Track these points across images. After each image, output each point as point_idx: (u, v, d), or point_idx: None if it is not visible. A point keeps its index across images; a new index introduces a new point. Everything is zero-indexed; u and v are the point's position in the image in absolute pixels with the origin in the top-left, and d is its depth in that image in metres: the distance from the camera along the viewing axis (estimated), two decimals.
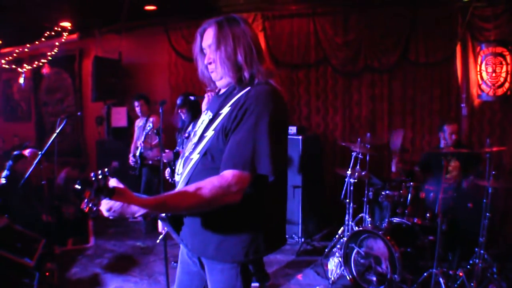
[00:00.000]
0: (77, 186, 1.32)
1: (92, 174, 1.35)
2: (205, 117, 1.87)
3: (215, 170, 1.65)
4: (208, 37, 1.80)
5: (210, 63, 1.81)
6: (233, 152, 1.60)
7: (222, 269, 1.75)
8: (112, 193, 1.39)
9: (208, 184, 1.55)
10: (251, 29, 1.81)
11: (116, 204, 1.40)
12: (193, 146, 1.81)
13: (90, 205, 1.34)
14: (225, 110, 1.71)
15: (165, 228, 2.04)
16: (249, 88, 1.71)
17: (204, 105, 3.11)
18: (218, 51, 1.75)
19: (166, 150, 4.34)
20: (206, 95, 2.95)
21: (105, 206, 1.40)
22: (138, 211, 1.45)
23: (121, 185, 1.44)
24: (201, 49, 1.86)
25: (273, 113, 1.63)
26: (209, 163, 1.71)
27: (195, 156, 1.75)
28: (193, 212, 1.71)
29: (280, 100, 1.71)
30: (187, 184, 1.75)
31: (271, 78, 1.76)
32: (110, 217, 1.45)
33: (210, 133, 1.72)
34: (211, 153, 1.70)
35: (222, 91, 1.87)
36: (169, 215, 1.79)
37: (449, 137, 4.30)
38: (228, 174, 1.57)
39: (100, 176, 1.35)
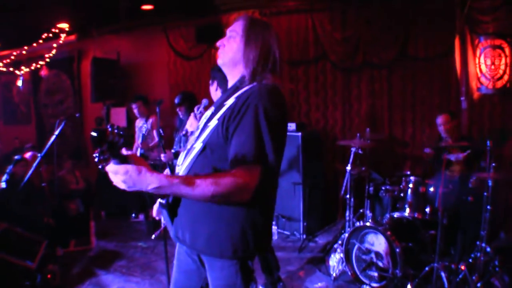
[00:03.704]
0: (93, 134, 1.33)
1: (108, 126, 1.36)
2: (209, 112, 1.90)
3: (215, 162, 1.70)
4: (236, 26, 1.85)
5: (221, 46, 1.87)
6: (240, 149, 1.60)
7: (222, 266, 1.76)
8: (123, 158, 1.40)
9: (225, 177, 1.55)
10: (277, 41, 1.84)
11: (132, 169, 1.41)
12: (196, 137, 1.83)
13: (101, 158, 1.36)
14: (230, 101, 1.73)
15: (162, 219, 2.04)
16: (254, 84, 1.74)
17: (188, 125, 3.12)
18: (242, 43, 1.80)
19: (167, 151, 4.34)
20: (192, 114, 2.95)
21: (122, 169, 1.40)
22: (152, 182, 1.45)
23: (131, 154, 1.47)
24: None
25: (273, 110, 1.65)
26: (208, 155, 1.73)
27: (198, 145, 1.76)
28: (198, 201, 1.67)
29: (281, 99, 1.74)
30: (189, 172, 1.77)
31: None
32: (127, 187, 1.44)
33: (213, 122, 1.73)
34: (211, 146, 1.71)
35: (229, 86, 1.90)
36: (169, 202, 1.81)
37: (441, 128, 4.31)
38: (241, 171, 1.56)
39: (116, 131, 1.36)
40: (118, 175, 1.42)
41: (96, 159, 1.36)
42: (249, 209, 1.71)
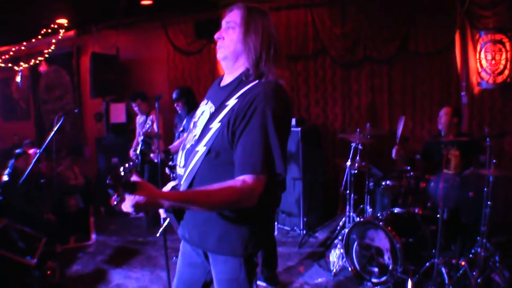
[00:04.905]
0: (109, 182, 1.35)
1: (121, 170, 1.37)
2: (206, 107, 1.82)
3: (221, 165, 1.67)
4: (233, 16, 1.78)
5: (219, 38, 1.79)
6: (248, 155, 1.58)
7: (226, 260, 1.77)
8: (134, 188, 1.40)
9: (232, 188, 1.56)
10: (276, 28, 1.78)
11: (141, 199, 1.40)
12: (197, 138, 1.77)
13: (118, 200, 1.39)
14: (232, 102, 1.67)
15: (166, 219, 2.03)
16: (257, 82, 1.68)
17: None
18: (242, 33, 1.73)
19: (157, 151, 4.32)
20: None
21: (130, 202, 1.40)
22: (163, 203, 1.46)
23: (140, 180, 1.45)
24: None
25: (281, 113, 1.61)
26: (214, 158, 1.69)
27: (201, 149, 1.71)
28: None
29: (287, 100, 1.70)
30: (194, 178, 1.73)
31: (280, 79, 1.74)
32: (134, 213, 1.44)
33: (216, 125, 1.68)
34: (216, 150, 1.67)
35: (227, 81, 1.82)
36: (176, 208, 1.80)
37: (440, 120, 4.28)
38: (248, 179, 1.56)
39: (127, 171, 1.37)
40: (128, 205, 1.42)
41: (114, 204, 1.40)
42: (257, 211, 1.70)
